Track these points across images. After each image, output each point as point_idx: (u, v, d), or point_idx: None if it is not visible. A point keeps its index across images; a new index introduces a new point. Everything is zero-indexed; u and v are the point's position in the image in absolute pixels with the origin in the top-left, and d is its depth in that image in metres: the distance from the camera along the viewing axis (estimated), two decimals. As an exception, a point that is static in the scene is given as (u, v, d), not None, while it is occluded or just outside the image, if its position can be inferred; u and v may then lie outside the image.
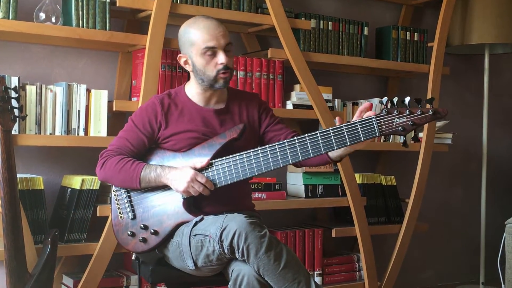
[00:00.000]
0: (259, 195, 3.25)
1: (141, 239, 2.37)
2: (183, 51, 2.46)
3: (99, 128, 2.89)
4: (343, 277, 3.55)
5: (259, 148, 2.31)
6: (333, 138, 2.21)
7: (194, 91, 2.48)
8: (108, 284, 2.93)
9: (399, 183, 3.77)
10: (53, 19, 2.85)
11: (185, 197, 2.33)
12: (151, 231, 2.36)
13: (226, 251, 2.14)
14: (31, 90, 2.75)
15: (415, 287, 4.19)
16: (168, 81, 3.03)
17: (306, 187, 3.44)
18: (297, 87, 3.42)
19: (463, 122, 4.35)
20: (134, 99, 3.08)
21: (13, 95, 2.58)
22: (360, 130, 2.19)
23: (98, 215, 2.86)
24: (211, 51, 2.37)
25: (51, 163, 3.04)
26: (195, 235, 2.24)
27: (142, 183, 2.34)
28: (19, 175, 2.69)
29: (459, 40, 3.99)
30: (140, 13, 3.06)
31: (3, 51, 2.93)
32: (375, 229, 3.60)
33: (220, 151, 2.36)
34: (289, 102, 3.39)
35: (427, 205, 4.06)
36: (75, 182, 2.85)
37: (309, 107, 3.39)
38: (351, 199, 3.46)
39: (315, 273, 3.43)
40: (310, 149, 2.24)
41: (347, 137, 2.20)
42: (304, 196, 3.43)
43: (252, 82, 3.27)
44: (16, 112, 2.56)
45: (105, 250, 2.84)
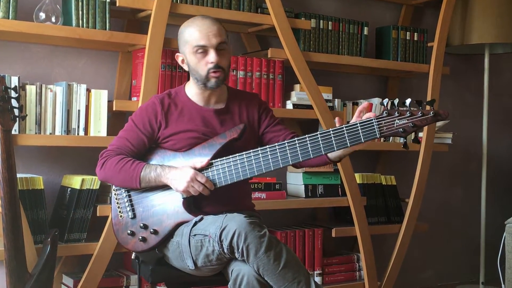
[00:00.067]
0: (259, 195, 3.25)
1: (140, 238, 2.37)
2: (180, 50, 2.47)
3: (99, 128, 2.89)
4: (343, 277, 3.55)
5: (259, 148, 2.31)
6: (333, 139, 2.21)
7: (193, 91, 2.48)
8: (108, 284, 2.93)
9: (399, 183, 3.77)
10: (53, 19, 2.85)
11: (185, 197, 2.34)
12: (151, 231, 2.36)
13: (225, 251, 2.14)
14: (31, 90, 2.75)
15: (415, 287, 4.19)
16: (168, 81, 3.03)
17: (306, 187, 3.43)
18: (297, 87, 3.42)
19: (463, 122, 4.35)
20: (134, 99, 3.08)
21: (13, 95, 2.58)
22: (360, 131, 2.18)
23: (98, 215, 2.86)
24: (203, 49, 2.38)
25: (51, 163, 3.03)
26: (195, 235, 2.24)
27: (142, 183, 2.34)
28: (19, 175, 2.69)
29: (459, 40, 3.98)
30: (140, 13, 3.06)
31: (3, 51, 2.93)
32: (375, 229, 3.60)
33: (220, 151, 2.36)
34: (289, 102, 3.39)
35: (427, 205, 4.06)
36: (75, 182, 2.85)
37: (309, 107, 3.39)
38: (351, 199, 3.46)
39: (315, 273, 3.43)
40: (310, 150, 2.24)
41: (347, 138, 2.20)
42: (304, 196, 3.43)
43: (252, 82, 3.27)
44: (16, 112, 2.56)
45: (105, 250, 2.84)
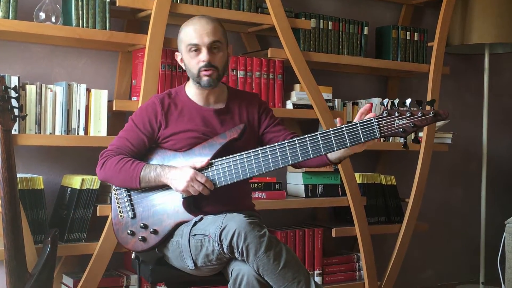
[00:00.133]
0: (259, 194, 3.24)
1: (140, 238, 2.37)
2: (178, 49, 2.49)
3: (99, 127, 2.89)
4: (343, 277, 3.54)
5: (259, 148, 2.31)
6: (333, 139, 2.21)
7: (193, 90, 2.48)
8: (108, 283, 2.93)
9: (399, 183, 3.77)
10: (53, 19, 2.85)
11: (185, 197, 2.34)
12: (151, 230, 2.36)
13: (225, 250, 2.14)
14: (31, 89, 2.75)
15: (415, 287, 4.19)
16: (168, 81, 3.03)
17: (306, 186, 3.43)
18: (297, 86, 3.42)
19: (463, 122, 4.35)
20: (134, 98, 3.08)
21: (13, 94, 2.58)
22: (360, 131, 2.18)
23: (98, 214, 2.86)
24: (195, 48, 2.39)
25: (51, 163, 3.03)
26: (195, 235, 2.24)
27: (142, 182, 2.34)
28: (19, 175, 2.69)
29: (459, 39, 3.98)
30: (140, 12, 3.06)
31: (3, 51, 2.93)
32: (375, 229, 3.60)
33: (220, 151, 2.36)
34: (289, 101, 3.39)
35: (427, 205, 4.06)
36: (75, 181, 2.85)
37: (309, 107, 3.39)
38: (351, 198, 3.46)
39: (315, 272, 3.43)
40: (310, 150, 2.23)
41: (347, 138, 2.19)
42: (304, 195, 3.43)
43: (252, 81, 3.27)
44: (16, 111, 2.56)
45: (105, 249, 2.84)
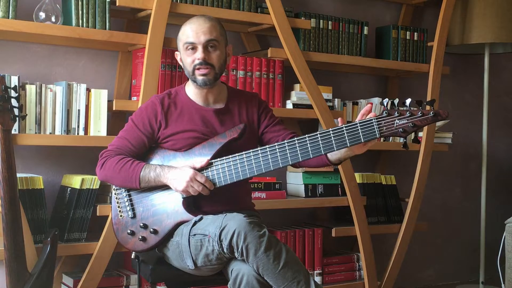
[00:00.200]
0: (259, 194, 3.25)
1: (140, 238, 2.37)
2: (177, 49, 2.50)
3: (99, 127, 2.89)
4: (343, 277, 3.54)
5: (259, 148, 2.31)
6: (333, 139, 2.21)
7: (192, 90, 2.48)
8: (108, 283, 2.93)
9: (399, 183, 3.77)
10: (53, 19, 2.85)
11: (185, 197, 2.34)
12: (151, 230, 2.36)
13: (225, 250, 2.14)
14: (31, 89, 2.74)
15: (415, 286, 4.19)
16: (168, 81, 3.03)
17: (306, 186, 3.43)
18: (297, 86, 3.42)
19: (463, 122, 4.35)
20: (134, 98, 3.08)
21: (13, 94, 2.58)
22: (360, 131, 2.18)
23: (98, 214, 2.86)
24: (192, 46, 2.40)
25: (51, 163, 3.03)
26: (195, 235, 2.24)
27: (141, 183, 2.34)
28: (19, 175, 2.69)
29: (459, 39, 3.98)
30: (140, 12, 3.05)
31: (3, 51, 2.93)
32: (375, 229, 3.60)
33: (220, 151, 2.36)
34: (289, 101, 3.39)
35: (427, 205, 4.06)
36: (75, 181, 2.84)
37: (309, 107, 3.39)
38: (351, 198, 3.46)
39: (315, 272, 3.43)
40: (310, 150, 2.23)
41: (347, 138, 2.19)
42: (304, 195, 3.43)
43: (252, 81, 3.27)
44: (16, 111, 2.56)
45: (105, 249, 2.84)
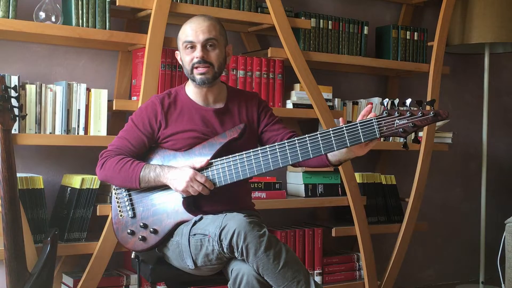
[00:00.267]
0: (259, 194, 3.25)
1: (140, 237, 2.37)
2: (178, 48, 2.50)
3: (99, 127, 2.89)
4: (343, 276, 3.54)
5: (259, 148, 2.31)
6: (333, 138, 2.21)
7: (192, 90, 2.48)
8: (108, 283, 2.93)
9: (399, 182, 3.77)
10: (53, 18, 2.85)
11: (185, 197, 2.34)
12: (151, 230, 2.36)
13: (225, 250, 2.14)
14: (31, 89, 2.74)
15: (415, 286, 4.19)
16: (168, 80, 3.03)
17: (306, 186, 3.43)
18: (297, 86, 3.42)
19: (463, 121, 4.35)
20: (134, 98, 3.08)
21: (13, 94, 2.58)
22: (360, 131, 2.18)
23: (98, 214, 2.86)
24: (191, 45, 2.40)
25: (51, 162, 3.03)
26: (195, 235, 2.24)
27: (141, 183, 2.34)
28: (19, 174, 2.69)
29: (459, 39, 3.98)
30: (140, 12, 3.05)
31: (3, 50, 2.93)
32: (375, 229, 3.60)
33: (220, 150, 2.36)
34: (289, 101, 3.39)
35: (427, 204, 4.06)
36: (75, 181, 2.84)
37: (309, 107, 3.39)
38: (351, 198, 3.46)
39: (315, 272, 3.43)
40: (310, 150, 2.23)
41: (347, 138, 2.19)
42: (304, 195, 3.43)
43: (252, 81, 3.27)
44: (16, 111, 2.56)
45: (105, 249, 2.84)
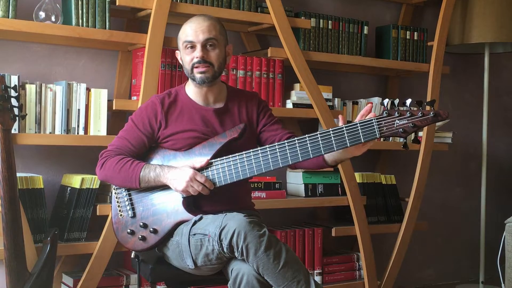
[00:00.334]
0: (259, 194, 3.24)
1: (140, 237, 2.37)
2: (178, 48, 2.50)
3: (99, 127, 2.88)
4: (343, 276, 3.54)
5: (259, 148, 2.31)
6: (333, 139, 2.21)
7: (192, 90, 2.48)
8: (108, 283, 2.93)
9: (399, 182, 3.77)
10: (53, 18, 2.85)
11: (185, 196, 2.34)
12: (151, 230, 2.36)
13: (225, 250, 2.14)
14: (30, 89, 2.74)
15: (415, 286, 4.19)
16: (168, 80, 3.03)
17: (306, 186, 3.43)
18: (297, 86, 3.42)
19: (463, 121, 4.35)
20: (134, 98, 3.08)
21: (13, 94, 2.58)
22: (360, 131, 2.18)
23: (98, 214, 2.86)
24: (191, 45, 2.40)
25: (51, 162, 3.03)
26: (195, 234, 2.24)
27: (141, 183, 2.34)
28: (19, 174, 2.69)
29: (459, 39, 3.98)
30: (140, 12, 3.05)
31: (3, 50, 2.93)
32: (375, 228, 3.60)
33: (220, 150, 2.36)
34: (289, 101, 3.39)
35: (427, 204, 4.06)
36: (75, 181, 2.84)
37: (309, 106, 3.39)
38: (351, 198, 3.46)
39: (315, 272, 3.43)
40: (310, 150, 2.23)
41: (347, 138, 2.19)
42: (304, 195, 3.43)
43: (252, 81, 3.27)
44: (15, 111, 2.56)
45: (105, 249, 2.84)
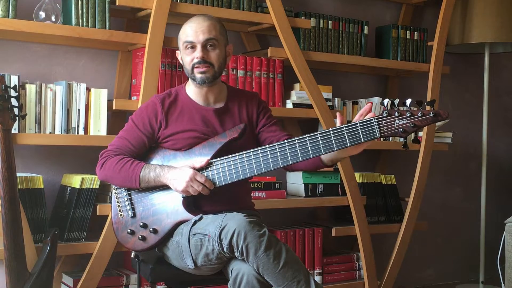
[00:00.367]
0: (259, 194, 3.24)
1: (140, 237, 2.37)
2: (178, 48, 2.50)
3: (99, 127, 2.88)
4: (343, 276, 3.54)
5: (259, 148, 2.31)
6: (333, 139, 2.21)
7: (193, 90, 2.48)
8: (108, 283, 2.93)
9: (399, 182, 3.77)
10: (53, 18, 2.85)
11: (185, 196, 2.33)
12: (150, 230, 2.36)
13: (225, 250, 2.14)
14: (30, 89, 2.74)
15: (415, 286, 4.19)
16: (168, 80, 3.03)
17: (306, 186, 3.43)
18: (297, 86, 3.42)
19: (463, 121, 4.35)
20: (134, 98, 3.08)
21: (13, 94, 2.58)
22: (360, 131, 2.18)
23: (98, 214, 2.86)
24: (191, 45, 2.40)
25: (51, 162, 3.03)
26: (195, 234, 2.24)
27: (141, 183, 2.34)
28: (19, 174, 2.69)
29: (459, 39, 3.98)
30: (140, 12, 3.05)
31: (3, 50, 2.93)
32: (375, 228, 3.60)
33: (220, 150, 2.36)
34: (289, 101, 3.39)
35: (427, 204, 4.06)
36: (75, 181, 2.84)
37: (309, 106, 3.39)
38: (351, 198, 3.46)
39: (315, 272, 3.43)
40: (310, 150, 2.23)
41: (347, 138, 2.19)
42: (304, 195, 3.43)
43: (252, 81, 3.27)
44: (16, 111, 2.56)
45: (104, 249, 2.84)
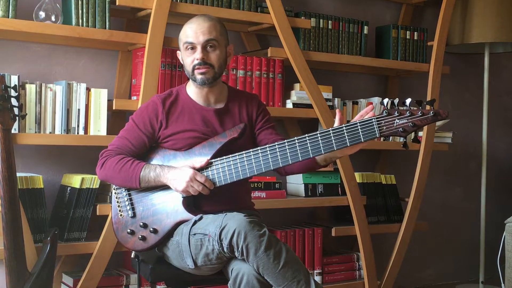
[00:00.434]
0: (259, 194, 3.25)
1: (140, 237, 2.37)
2: (179, 48, 2.50)
3: (99, 127, 2.88)
4: (342, 276, 3.54)
5: (259, 148, 2.31)
6: (333, 138, 2.21)
7: (193, 90, 2.48)
8: (108, 283, 2.93)
9: (399, 182, 3.77)
10: (53, 18, 2.85)
11: (185, 196, 2.34)
12: (150, 230, 2.36)
13: (225, 250, 2.14)
14: (30, 89, 2.74)
15: (415, 286, 4.19)
16: (168, 80, 3.03)
17: (306, 186, 3.43)
18: (297, 86, 3.42)
19: (463, 121, 4.35)
20: (134, 98, 3.08)
21: (13, 93, 2.58)
22: (360, 130, 2.18)
23: (98, 214, 2.86)
24: (191, 46, 2.40)
25: (51, 162, 3.03)
26: (195, 234, 2.24)
27: (141, 183, 2.34)
28: (18, 174, 2.69)
29: (459, 39, 3.98)
30: (140, 12, 3.05)
31: (3, 50, 2.93)
32: (375, 228, 3.60)
33: (220, 150, 2.36)
34: (289, 101, 3.39)
35: (427, 204, 4.06)
36: (75, 181, 2.84)
37: (309, 106, 3.39)
38: (351, 198, 3.46)
39: (315, 272, 3.43)
40: (310, 150, 2.23)
41: (347, 138, 2.19)
42: (304, 195, 3.43)
43: (252, 81, 3.27)
44: (15, 111, 2.56)
45: (104, 249, 2.84)
